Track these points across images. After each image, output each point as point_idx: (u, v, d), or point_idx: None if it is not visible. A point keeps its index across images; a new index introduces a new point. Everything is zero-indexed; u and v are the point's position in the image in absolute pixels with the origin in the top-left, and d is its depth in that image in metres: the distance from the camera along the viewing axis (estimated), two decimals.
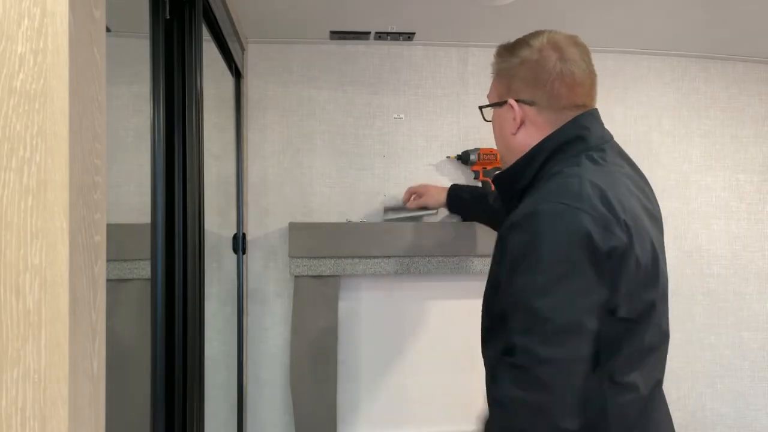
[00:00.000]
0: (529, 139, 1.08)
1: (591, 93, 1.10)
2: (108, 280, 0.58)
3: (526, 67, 1.07)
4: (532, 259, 0.91)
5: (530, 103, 1.08)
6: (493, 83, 1.17)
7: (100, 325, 0.56)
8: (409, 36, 2.00)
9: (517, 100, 1.08)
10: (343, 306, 2.02)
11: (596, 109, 1.11)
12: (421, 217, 2.02)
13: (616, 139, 1.14)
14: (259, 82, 2.02)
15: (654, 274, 0.99)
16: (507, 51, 1.12)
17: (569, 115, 1.06)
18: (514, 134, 1.10)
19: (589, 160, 1.02)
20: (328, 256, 1.92)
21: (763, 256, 2.23)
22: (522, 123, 1.09)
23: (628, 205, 0.97)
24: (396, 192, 2.07)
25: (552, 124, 1.06)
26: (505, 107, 1.11)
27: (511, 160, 1.12)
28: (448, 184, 1.99)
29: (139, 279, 1.08)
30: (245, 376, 1.96)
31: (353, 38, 2.01)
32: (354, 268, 1.93)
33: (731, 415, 2.21)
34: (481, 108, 1.21)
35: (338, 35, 1.98)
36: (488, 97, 1.19)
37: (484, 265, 1.96)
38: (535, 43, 1.08)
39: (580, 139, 1.05)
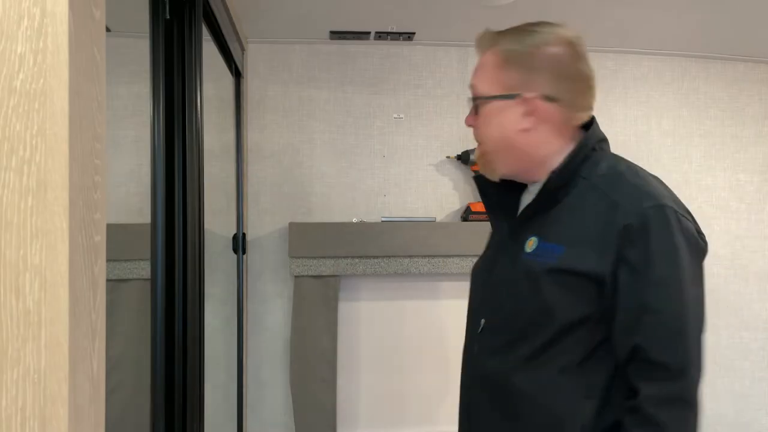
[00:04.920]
0: (545, 138, 0.95)
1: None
2: (108, 280, 0.58)
3: (548, 58, 0.93)
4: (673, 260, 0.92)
5: (552, 100, 0.93)
6: (492, 70, 0.96)
7: (100, 325, 0.56)
8: (409, 36, 2.00)
9: (540, 95, 0.93)
10: (343, 306, 2.02)
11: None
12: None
13: (616, 138, 1.12)
14: (259, 82, 2.02)
15: None
16: (516, 35, 0.96)
17: (584, 117, 0.97)
18: (526, 131, 0.94)
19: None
20: (328, 256, 1.92)
21: (763, 256, 2.23)
22: (536, 121, 0.94)
23: None
24: (396, 192, 2.07)
25: (569, 125, 0.96)
26: (516, 101, 0.93)
27: (509, 161, 0.96)
28: (449, 184, 1.99)
29: (139, 279, 1.08)
30: (245, 376, 1.95)
31: (353, 38, 2.01)
32: (354, 268, 1.93)
33: (731, 415, 2.21)
34: (481, 99, 0.96)
35: (338, 35, 1.97)
36: (480, 85, 0.96)
37: None
38: (549, 33, 0.95)
39: (605, 140, 1.00)
